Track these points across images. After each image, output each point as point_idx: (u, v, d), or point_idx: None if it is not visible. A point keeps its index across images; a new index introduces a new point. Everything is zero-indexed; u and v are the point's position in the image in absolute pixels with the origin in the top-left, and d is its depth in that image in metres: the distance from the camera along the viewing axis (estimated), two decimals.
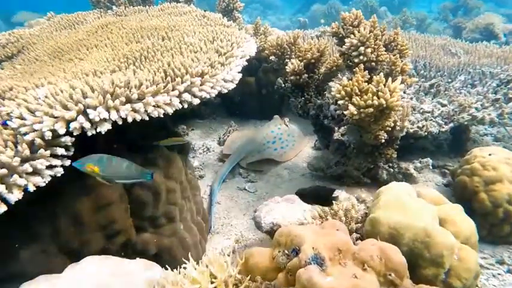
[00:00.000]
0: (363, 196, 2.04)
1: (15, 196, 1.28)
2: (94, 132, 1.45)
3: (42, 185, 1.37)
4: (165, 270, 1.49)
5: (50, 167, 1.40)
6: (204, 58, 1.97)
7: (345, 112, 2.37)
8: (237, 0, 4.31)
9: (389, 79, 2.26)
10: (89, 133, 1.44)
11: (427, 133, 2.85)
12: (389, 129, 2.44)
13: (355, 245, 1.36)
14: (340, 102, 2.39)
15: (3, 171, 1.29)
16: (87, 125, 1.42)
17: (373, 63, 2.54)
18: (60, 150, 1.43)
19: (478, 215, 2.20)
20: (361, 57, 2.50)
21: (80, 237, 1.64)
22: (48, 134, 1.37)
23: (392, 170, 2.75)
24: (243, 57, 2.20)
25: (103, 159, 1.37)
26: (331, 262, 1.16)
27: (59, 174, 1.42)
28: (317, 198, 1.65)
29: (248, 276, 1.27)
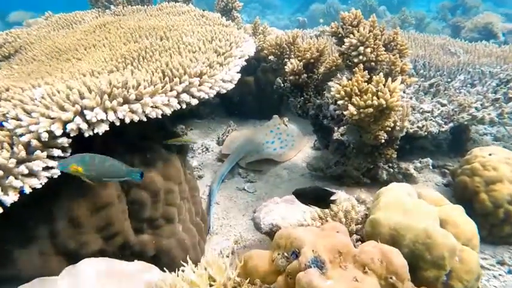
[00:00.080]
0: (363, 197, 2.03)
1: (10, 198, 1.27)
2: (91, 133, 1.44)
3: (39, 186, 1.36)
4: (163, 272, 1.48)
5: (46, 169, 1.39)
6: (202, 58, 1.95)
7: (344, 112, 2.36)
8: (235, 0, 4.29)
9: (389, 79, 2.25)
10: (86, 134, 1.43)
11: (426, 133, 2.84)
12: (389, 130, 2.42)
13: (355, 246, 1.35)
14: (339, 102, 2.37)
15: None
16: (84, 126, 1.41)
17: (373, 63, 2.52)
18: (57, 152, 1.41)
19: (479, 215, 2.19)
20: (360, 57, 2.49)
21: (77, 238, 1.62)
22: (44, 135, 1.36)
23: (392, 170, 2.73)
24: (241, 57, 2.18)
25: (86, 159, 1.34)
26: (332, 265, 1.15)
27: (55, 176, 1.41)
28: (315, 200, 1.62)
29: (247, 279, 1.25)
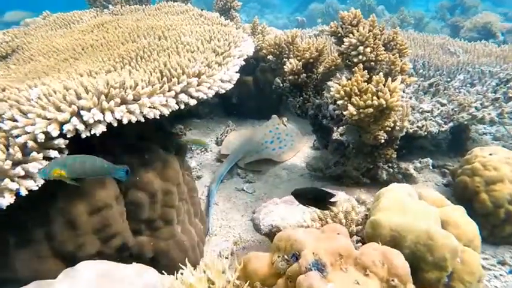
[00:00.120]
0: (363, 197, 2.02)
1: (6, 200, 1.25)
2: (88, 134, 1.42)
3: (35, 188, 1.34)
4: (162, 275, 1.46)
5: None
6: (201, 58, 1.94)
7: (344, 112, 2.34)
8: None
9: (389, 79, 2.23)
10: (83, 135, 1.41)
11: (426, 133, 2.83)
12: (389, 129, 2.40)
13: (355, 248, 1.34)
14: (339, 102, 2.36)
15: None
16: (81, 127, 1.39)
17: (373, 63, 2.51)
18: (54, 153, 1.39)
19: (479, 215, 2.17)
20: (360, 57, 2.47)
21: (74, 240, 1.60)
22: (41, 136, 1.34)
23: (392, 170, 2.71)
24: (240, 56, 2.17)
25: (67, 161, 1.31)
26: (332, 268, 1.13)
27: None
28: (314, 201, 1.60)
29: (247, 282, 1.24)
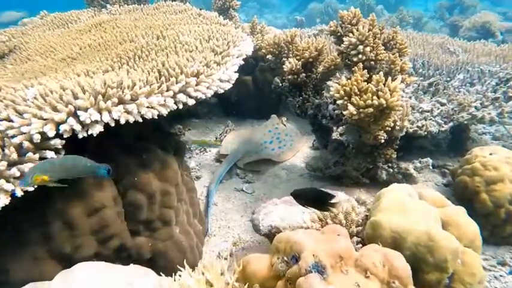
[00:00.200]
0: (363, 198, 2.00)
1: (1, 201, 1.23)
2: (85, 134, 1.40)
3: (31, 189, 1.32)
4: (159, 276, 1.44)
5: None
6: (199, 57, 1.92)
7: (344, 112, 2.32)
8: None
9: (389, 78, 2.22)
10: (80, 135, 1.39)
11: (426, 132, 2.82)
12: (389, 129, 2.39)
13: (356, 249, 1.32)
14: (338, 102, 2.34)
15: None
16: (78, 127, 1.37)
17: (372, 62, 2.49)
18: (50, 154, 1.37)
19: (479, 215, 2.16)
20: (360, 56, 2.46)
21: (72, 242, 1.58)
22: (36, 136, 1.32)
23: (391, 170, 2.70)
24: (239, 56, 2.15)
25: (46, 166, 1.27)
26: (333, 270, 1.12)
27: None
28: (314, 202, 1.58)
29: (246, 284, 1.22)
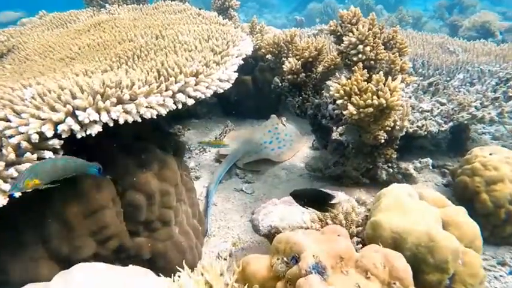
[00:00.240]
0: (363, 198, 2.00)
1: (0, 202, 1.22)
2: (84, 134, 1.39)
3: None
4: (159, 277, 1.43)
5: None
6: (198, 57, 1.91)
7: (344, 112, 2.31)
8: None
9: (389, 78, 2.21)
10: (78, 135, 1.38)
11: (426, 132, 2.81)
12: (389, 129, 2.38)
13: (356, 250, 1.31)
14: (338, 101, 2.33)
15: None
16: (76, 127, 1.36)
17: (372, 62, 2.49)
18: (48, 154, 1.36)
19: (480, 215, 2.15)
20: (360, 56, 2.45)
21: (70, 243, 1.57)
22: (34, 136, 1.31)
23: (391, 170, 2.69)
24: (239, 56, 2.14)
25: (36, 169, 1.24)
26: (333, 270, 1.11)
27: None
28: (313, 202, 1.56)
29: (245, 285, 1.21)
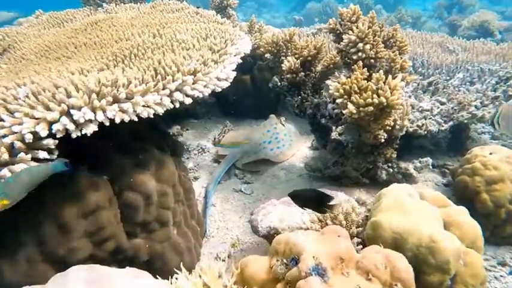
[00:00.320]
0: (363, 198, 1.98)
1: None
2: (79, 134, 1.37)
3: None
4: (156, 279, 1.41)
5: None
6: (196, 55, 1.89)
7: (343, 111, 2.29)
8: None
9: (389, 76, 2.19)
10: (74, 135, 1.36)
11: (426, 132, 2.79)
12: (389, 129, 2.36)
13: (356, 251, 1.29)
14: (338, 100, 2.31)
15: None
16: (71, 126, 1.34)
17: (372, 60, 2.46)
18: (43, 154, 1.34)
19: (480, 215, 2.13)
20: (359, 54, 2.43)
21: (66, 244, 1.55)
22: (28, 136, 1.28)
23: (391, 170, 2.67)
24: (237, 54, 2.12)
25: (0, 189, 1.17)
26: (333, 272, 1.09)
27: None
28: (312, 203, 1.53)
29: (244, 287, 1.19)
